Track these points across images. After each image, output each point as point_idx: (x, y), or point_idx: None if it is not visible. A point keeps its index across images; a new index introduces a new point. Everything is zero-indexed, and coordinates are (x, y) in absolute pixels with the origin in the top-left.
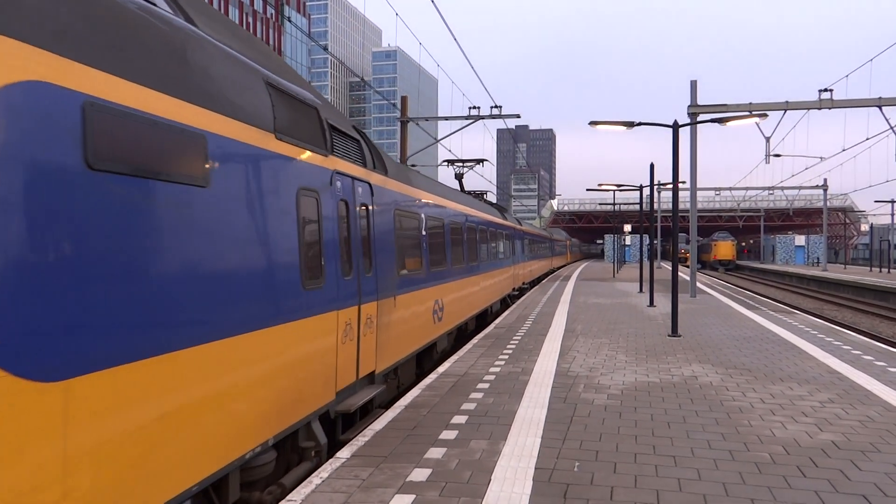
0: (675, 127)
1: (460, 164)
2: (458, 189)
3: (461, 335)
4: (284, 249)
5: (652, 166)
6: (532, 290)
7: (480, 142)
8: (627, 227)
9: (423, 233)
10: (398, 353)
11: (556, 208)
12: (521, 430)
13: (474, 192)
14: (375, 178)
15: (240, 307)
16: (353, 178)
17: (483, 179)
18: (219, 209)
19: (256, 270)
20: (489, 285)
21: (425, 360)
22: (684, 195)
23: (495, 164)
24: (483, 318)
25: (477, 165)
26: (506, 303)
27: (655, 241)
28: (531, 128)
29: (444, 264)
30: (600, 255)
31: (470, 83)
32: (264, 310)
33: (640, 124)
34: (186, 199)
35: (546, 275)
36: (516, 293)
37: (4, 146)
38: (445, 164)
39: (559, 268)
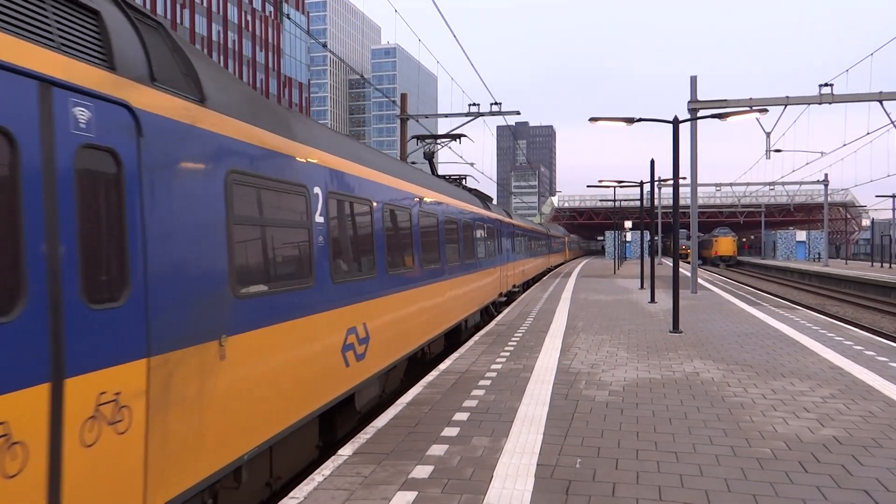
0: (675, 123)
1: (431, 140)
2: (430, 172)
3: (415, 365)
4: None
5: (652, 162)
6: (532, 289)
7: (480, 139)
8: (628, 224)
9: (320, 220)
10: (234, 448)
11: (556, 205)
12: (523, 427)
13: (449, 176)
14: (153, 100)
15: None
16: (54, 84)
17: (484, 177)
18: None
19: None
20: (461, 294)
21: (340, 419)
22: (685, 191)
23: (495, 162)
24: (457, 336)
25: (454, 143)
26: (489, 312)
27: (656, 238)
28: (531, 124)
29: (372, 270)
30: (601, 252)
31: (470, 80)
32: None
33: (639, 120)
34: None
35: (542, 275)
36: (504, 299)
37: None
38: (415, 140)
39: (557, 266)
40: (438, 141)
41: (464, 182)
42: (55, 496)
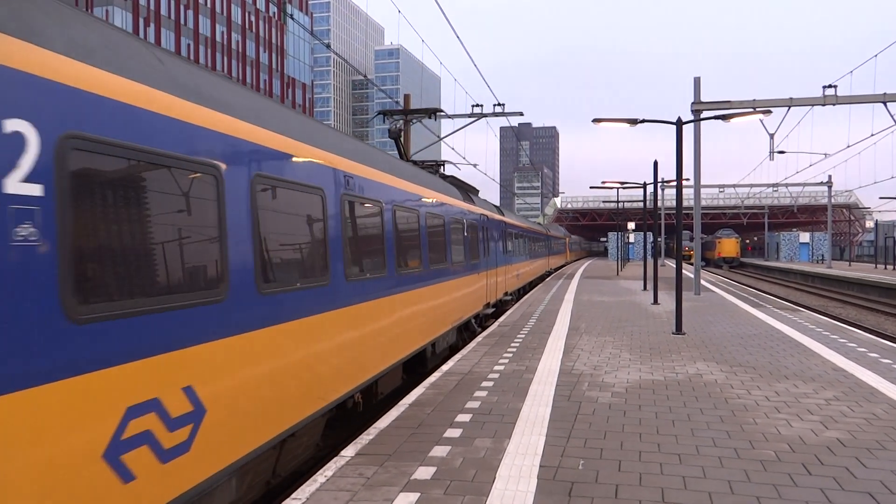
0: (679, 124)
1: (400, 115)
2: (399, 155)
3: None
4: None
5: (655, 163)
6: (534, 290)
7: (483, 140)
8: (631, 225)
9: (34, 190)
10: None
11: (559, 206)
12: (526, 428)
13: (423, 162)
14: None
15: None
16: None
17: (487, 178)
18: None
19: None
20: (424, 311)
21: None
22: (688, 192)
23: (498, 163)
24: (421, 363)
25: (427, 118)
26: (470, 328)
27: (659, 239)
28: (534, 125)
29: (216, 290)
30: (604, 253)
31: (473, 81)
32: None
33: (643, 121)
34: None
35: (540, 279)
36: (492, 310)
37: None
38: (382, 117)
39: (557, 268)
40: (411, 118)
41: (441, 170)
42: None
